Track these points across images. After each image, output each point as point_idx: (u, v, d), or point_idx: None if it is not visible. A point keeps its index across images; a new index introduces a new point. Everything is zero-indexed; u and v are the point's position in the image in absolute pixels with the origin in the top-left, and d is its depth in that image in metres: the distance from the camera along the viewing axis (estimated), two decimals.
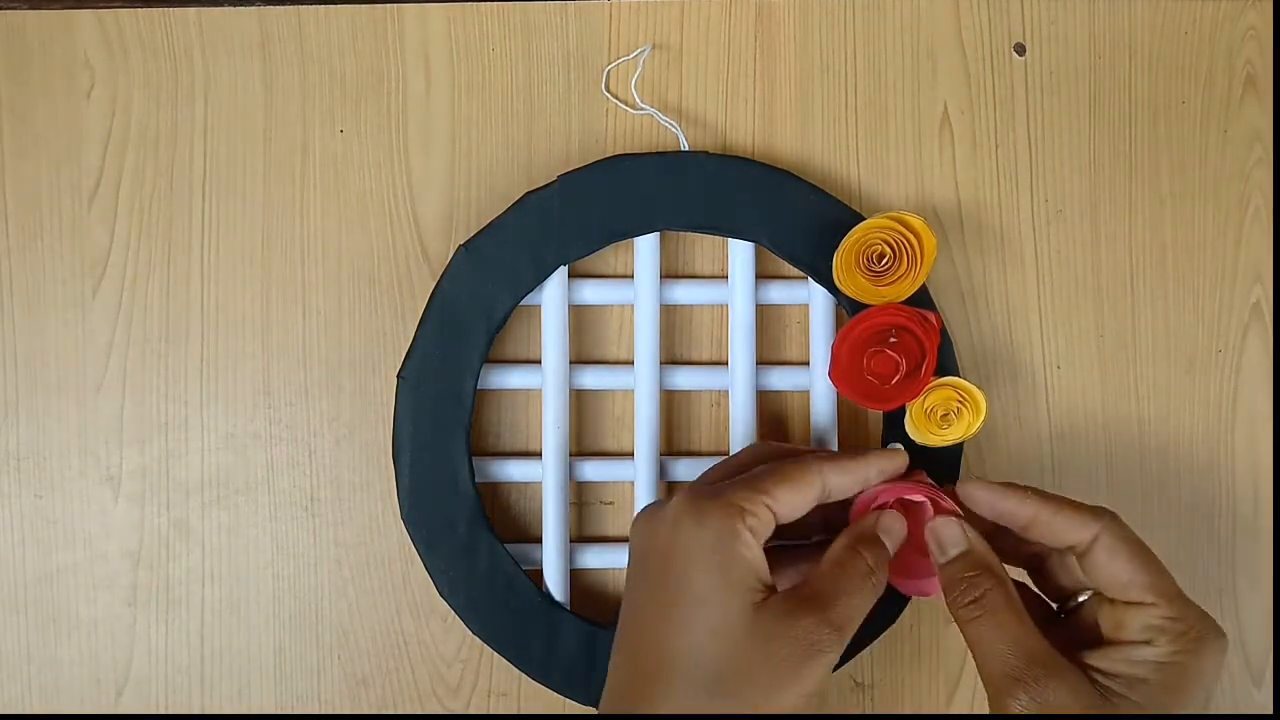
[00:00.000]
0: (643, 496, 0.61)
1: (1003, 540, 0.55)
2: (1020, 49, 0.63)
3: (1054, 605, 0.57)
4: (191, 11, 0.62)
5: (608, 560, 0.62)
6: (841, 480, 0.54)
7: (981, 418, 0.58)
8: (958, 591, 0.52)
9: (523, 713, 0.63)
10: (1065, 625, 0.55)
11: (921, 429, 0.58)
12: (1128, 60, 0.63)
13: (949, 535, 0.54)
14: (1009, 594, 0.52)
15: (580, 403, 0.63)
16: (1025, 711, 0.49)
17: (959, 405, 0.58)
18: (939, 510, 0.55)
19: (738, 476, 0.53)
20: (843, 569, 0.52)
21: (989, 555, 0.53)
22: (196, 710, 0.63)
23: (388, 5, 0.63)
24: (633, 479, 0.61)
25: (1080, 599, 0.55)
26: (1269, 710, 0.63)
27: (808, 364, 0.62)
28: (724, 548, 0.50)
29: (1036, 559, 0.57)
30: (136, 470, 0.63)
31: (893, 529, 0.54)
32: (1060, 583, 0.56)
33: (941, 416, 0.58)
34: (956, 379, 0.58)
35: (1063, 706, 0.49)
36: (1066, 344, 0.63)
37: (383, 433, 0.62)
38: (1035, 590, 0.57)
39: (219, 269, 0.63)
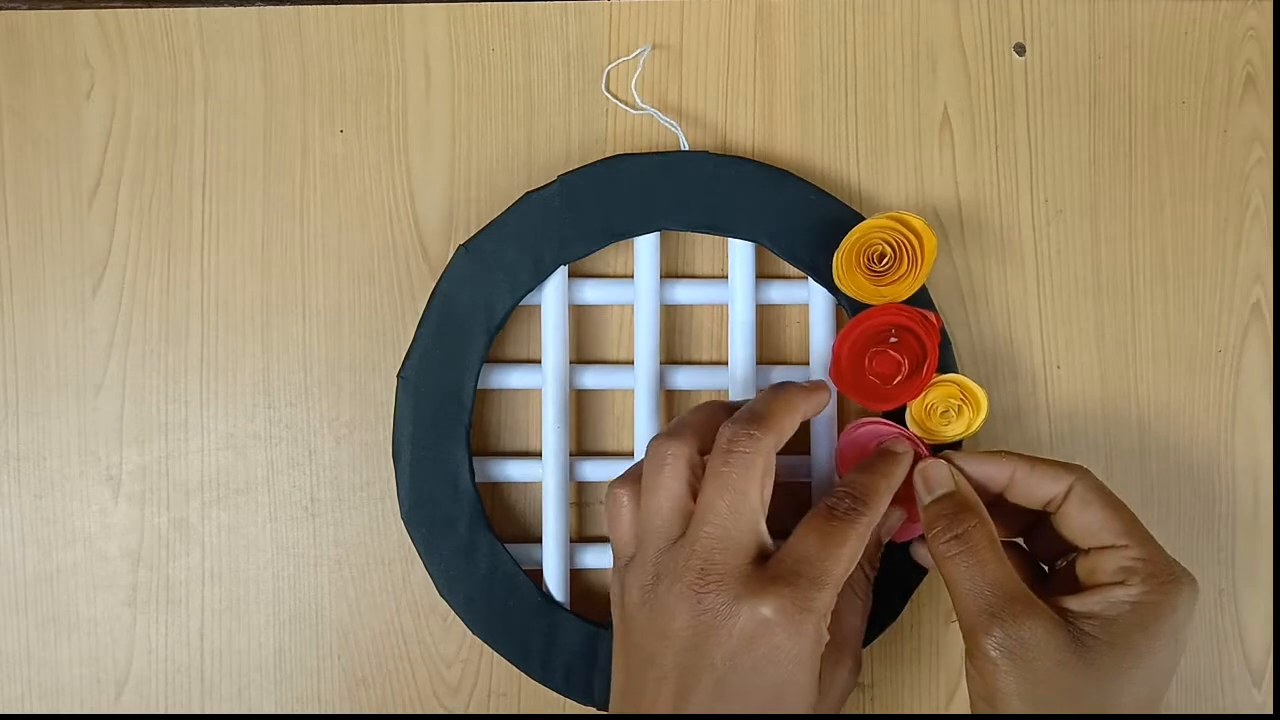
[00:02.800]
0: None
1: (994, 512, 0.56)
2: (1020, 49, 0.63)
3: (1044, 567, 0.59)
4: (191, 11, 0.62)
5: (608, 560, 0.62)
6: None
7: (982, 415, 0.58)
8: (940, 527, 0.54)
9: (523, 713, 0.63)
10: (1047, 584, 0.57)
11: (922, 426, 0.58)
12: (1128, 60, 0.63)
13: (936, 475, 0.56)
14: (990, 534, 0.54)
15: (580, 403, 0.63)
16: (999, 647, 0.51)
17: (959, 402, 0.58)
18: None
19: (802, 554, 0.52)
20: (857, 593, 0.57)
21: (973, 496, 0.55)
22: (196, 710, 0.63)
23: (388, 5, 0.63)
24: None
25: (1062, 562, 0.57)
26: (1269, 710, 0.63)
27: (808, 364, 0.62)
28: (814, 656, 0.51)
29: (1027, 529, 0.59)
30: (136, 470, 0.63)
31: (890, 519, 0.58)
32: (1048, 550, 0.58)
33: (941, 413, 0.58)
34: (958, 376, 0.58)
35: (1037, 644, 0.51)
36: (1066, 344, 0.63)
37: (383, 433, 0.62)
38: (1023, 551, 0.59)
39: (219, 269, 0.63)
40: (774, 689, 0.51)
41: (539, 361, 0.62)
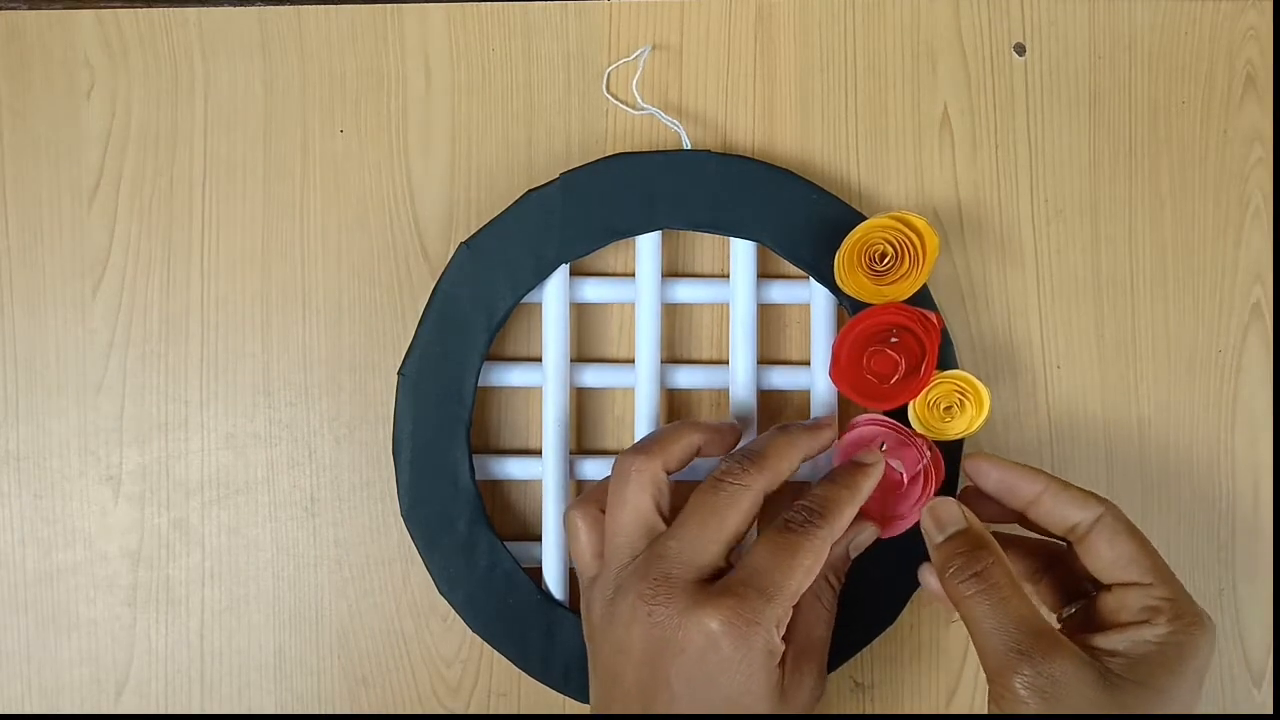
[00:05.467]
0: None
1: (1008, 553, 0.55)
2: (1020, 49, 0.63)
3: (1053, 614, 0.58)
4: (191, 11, 0.63)
5: None
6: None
7: (985, 412, 0.57)
8: (956, 566, 0.53)
9: (523, 713, 0.63)
10: (1063, 625, 0.56)
11: (924, 422, 0.58)
12: (1128, 60, 0.63)
13: (948, 514, 0.55)
14: (1008, 570, 0.53)
15: (581, 401, 0.63)
16: (1029, 686, 0.50)
17: (960, 398, 0.58)
18: (909, 446, 0.58)
19: (745, 572, 0.52)
20: (822, 603, 0.56)
21: (986, 534, 0.54)
22: (196, 710, 0.63)
23: (388, 5, 0.63)
24: None
25: (1072, 609, 0.57)
26: (1269, 710, 0.63)
27: (808, 363, 0.62)
28: (767, 666, 0.51)
29: (1037, 574, 0.58)
30: (136, 470, 0.62)
31: (861, 535, 0.57)
32: (1057, 596, 0.58)
33: (944, 409, 0.58)
34: (961, 372, 0.58)
35: (1067, 682, 0.50)
36: (1066, 344, 0.63)
37: (383, 432, 0.62)
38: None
39: (219, 269, 0.63)
40: (728, 701, 0.51)
41: (539, 359, 0.62)
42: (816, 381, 0.61)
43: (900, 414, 0.59)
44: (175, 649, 0.63)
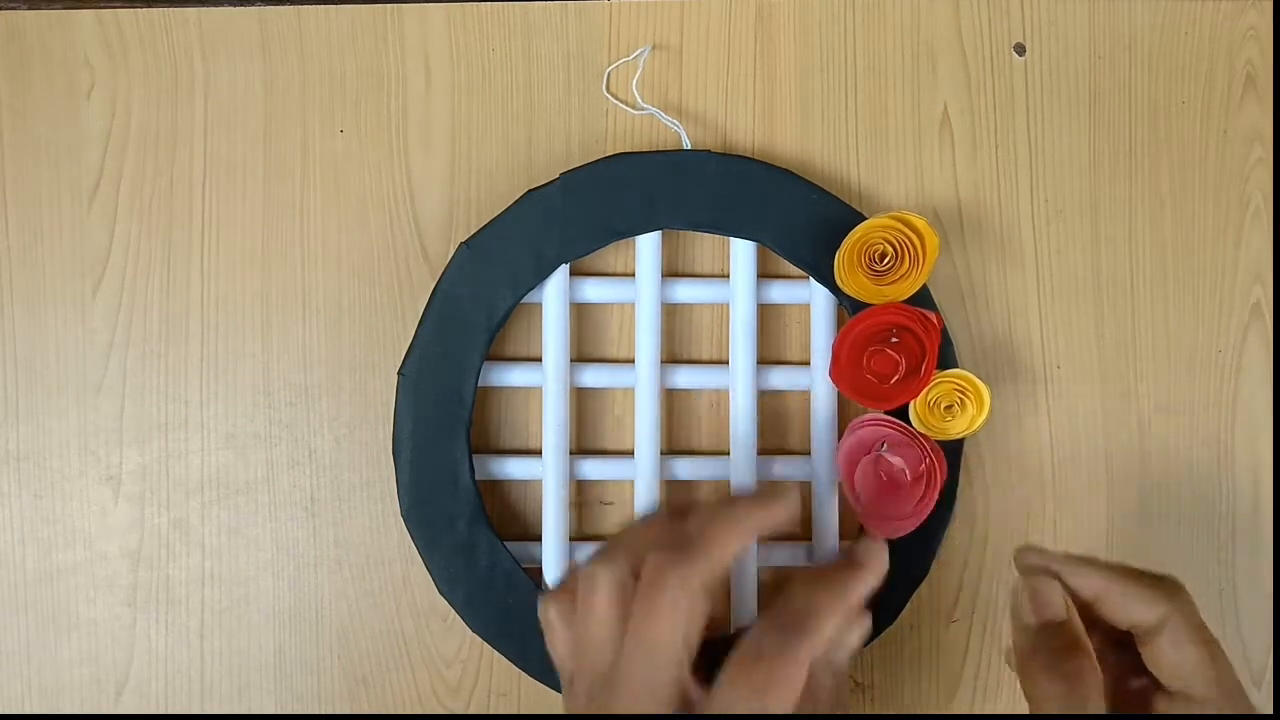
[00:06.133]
0: (642, 495, 0.60)
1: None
2: (1020, 49, 0.63)
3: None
4: (191, 11, 0.63)
5: None
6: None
7: (985, 411, 0.58)
8: (1045, 661, 0.50)
9: (523, 713, 0.63)
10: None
11: (925, 421, 0.58)
12: (1128, 60, 0.63)
13: (1051, 599, 0.51)
14: (1098, 677, 0.49)
15: (581, 401, 0.63)
16: None
17: (961, 397, 0.58)
18: (912, 446, 0.58)
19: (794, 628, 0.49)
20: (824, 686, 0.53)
21: (1082, 631, 0.51)
22: (196, 710, 0.63)
23: (388, 5, 0.63)
24: (633, 478, 0.61)
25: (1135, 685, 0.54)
26: (1269, 710, 0.63)
27: (808, 364, 0.62)
28: None
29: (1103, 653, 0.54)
30: (136, 470, 0.62)
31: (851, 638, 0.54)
32: (1117, 675, 0.54)
33: (945, 409, 0.58)
34: (962, 371, 0.58)
35: None
36: (1066, 344, 0.63)
37: (383, 432, 0.62)
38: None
39: (219, 269, 0.63)
40: None
41: (539, 359, 0.61)
42: (816, 381, 0.61)
43: (901, 414, 0.59)
44: (175, 649, 0.63)
